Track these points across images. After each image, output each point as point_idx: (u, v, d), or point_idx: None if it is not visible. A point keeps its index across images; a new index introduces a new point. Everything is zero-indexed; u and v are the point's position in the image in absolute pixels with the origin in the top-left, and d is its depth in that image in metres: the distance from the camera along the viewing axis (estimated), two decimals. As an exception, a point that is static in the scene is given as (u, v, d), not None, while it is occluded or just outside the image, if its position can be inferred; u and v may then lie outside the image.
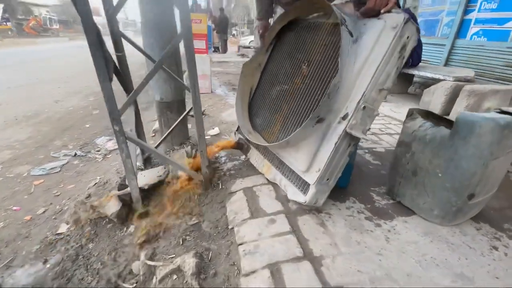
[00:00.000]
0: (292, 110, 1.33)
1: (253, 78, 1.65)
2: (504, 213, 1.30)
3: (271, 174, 1.44)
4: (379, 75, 1.00)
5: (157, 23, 1.49)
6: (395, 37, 0.96)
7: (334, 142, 1.07)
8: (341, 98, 1.06)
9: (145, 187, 1.44)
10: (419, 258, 1.02)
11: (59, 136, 3.38)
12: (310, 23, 1.35)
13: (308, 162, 1.16)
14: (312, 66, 1.26)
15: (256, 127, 1.59)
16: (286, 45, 1.49)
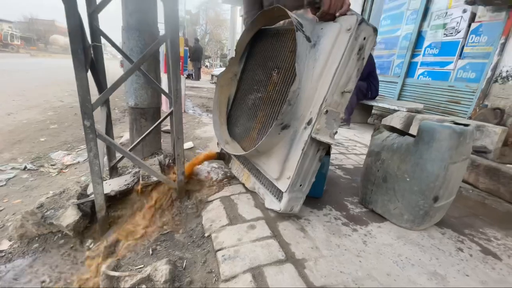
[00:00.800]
0: (267, 117, 1.33)
1: (229, 88, 1.65)
2: (463, 220, 1.42)
3: (250, 183, 1.42)
4: (339, 78, 0.99)
5: (138, 28, 1.49)
6: (350, 39, 0.95)
7: (301, 148, 1.06)
8: (305, 104, 1.06)
9: (111, 193, 1.30)
10: (396, 259, 1.04)
11: (8, 149, 3.00)
12: (279, 30, 1.36)
13: (279, 170, 1.14)
14: (281, 73, 1.26)
15: (235, 136, 1.57)
16: (258, 54, 1.49)
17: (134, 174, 1.52)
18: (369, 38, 0.98)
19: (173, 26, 1.09)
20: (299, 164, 1.07)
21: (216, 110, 1.64)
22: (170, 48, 1.12)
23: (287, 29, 1.30)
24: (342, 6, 1.00)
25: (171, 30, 1.09)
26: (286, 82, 1.22)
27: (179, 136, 1.29)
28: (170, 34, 1.10)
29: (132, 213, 1.32)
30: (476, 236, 1.26)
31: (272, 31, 1.42)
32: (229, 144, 1.54)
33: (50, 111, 4.83)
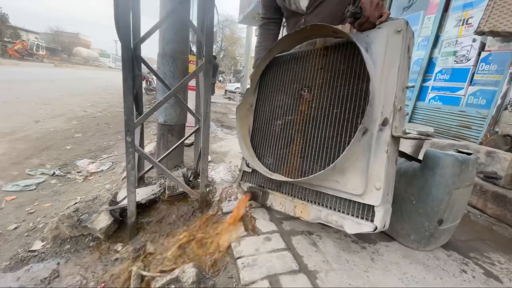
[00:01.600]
0: (309, 137, 1.27)
1: (248, 119, 1.62)
2: (469, 244, 1.48)
3: (311, 214, 1.24)
4: (401, 75, 1.02)
5: (172, 55, 1.69)
6: (404, 39, 1.00)
7: (385, 150, 1.01)
8: (375, 106, 1.05)
9: (142, 201, 1.45)
10: (401, 276, 1.12)
11: (37, 155, 3.24)
12: (296, 54, 1.38)
13: (363, 183, 1.05)
14: (314, 90, 1.27)
15: (269, 167, 1.46)
16: (274, 81, 1.49)
17: (160, 184, 1.67)
18: (412, 38, 1.07)
19: (208, 60, 1.27)
20: (386, 169, 1.00)
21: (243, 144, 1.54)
22: (204, 79, 1.29)
23: (307, 50, 1.34)
24: (381, 15, 1.07)
25: (206, 64, 1.27)
26: (324, 97, 1.23)
27: (205, 153, 1.44)
28: (205, 67, 1.28)
29: (158, 220, 1.45)
30: (480, 260, 1.32)
31: (286, 57, 1.44)
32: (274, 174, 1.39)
33: (74, 120, 5.14)
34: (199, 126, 1.81)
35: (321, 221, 1.21)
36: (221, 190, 1.78)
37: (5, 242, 1.66)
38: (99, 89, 11.18)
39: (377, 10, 1.05)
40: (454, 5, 3.75)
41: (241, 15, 9.98)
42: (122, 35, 1.08)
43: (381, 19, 1.06)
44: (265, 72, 1.55)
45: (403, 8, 4.80)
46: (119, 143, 3.98)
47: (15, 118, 4.65)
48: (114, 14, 1.07)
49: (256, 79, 1.57)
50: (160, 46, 1.70)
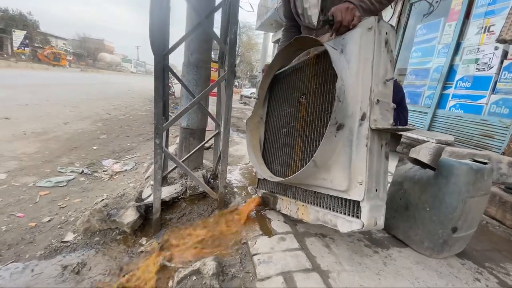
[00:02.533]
0: (307, 140, 1.33)
1: (258, 131, 1.74)
2: (485, 254, 1.47)
3: (311, 215, 1.26)
4: (377, 70, 1.04)
5: (196, 64, 1.82)
6: (375, 35, 1.04)
7: (364, 144, 1.02)
8: (351, 102, 1.07)
9: (166, 199, 1.56)
10: (413, 281, 1.15)
11: (66, 154, 3.49)
12: (295, 66, 1.47)
13: (346, 178, 1.06)
14: (310, 96, 1.34)
15: (276, 174, 1.56)
16: (279, 94, 1.61)
17: (182, 184, 1.78)
18: (390, 33, 1.08)
19: (230, 70, 1.38)
20: (367, 163, 1.01)
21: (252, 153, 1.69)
22: (226, 87, 1.39)
23: (303, 61, 1.43)
24: (353, 18, 1.12)
25: (228, 74, 1.38)
26: (317, 99, 1.29)
27: (224, 156, 1.53)
28: (228, 76, 1.38)
29: (180, 217, 1.56)
30: (495, 270, 1.31)
31: (287, 71, 1.56)
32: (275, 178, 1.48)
33: (99, 122, 5.45)
34: (218, 131, 1.92)
35: (320, 222, 1.21)
36: (237, 192, 1.86)
37: (40, 233, 1.82)
38: (122, 93, 11.72)
39: (348, 14, 1.12)
40: (475, 12, 3.69)
41: (259, 22, 10.20)
42: (156, 49, 1.21)
43: (353, 22, 1.11)
44: (272, 86, 1.67)
45: (423, 15, 4.75)
46: (141, 144, 4.19)
47: (46, 120, 5.00)
48: (149, 30, 1.20)
49: (263, 94, 1.67)
50: (186, 56, 1.83)
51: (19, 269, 1.47)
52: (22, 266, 1.49)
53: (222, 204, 1.63)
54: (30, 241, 1.74)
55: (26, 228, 1.88)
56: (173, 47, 1.53)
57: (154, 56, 1.24)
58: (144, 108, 8.22)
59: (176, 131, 4.46)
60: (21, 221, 1.96)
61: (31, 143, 3.68)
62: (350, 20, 1.12)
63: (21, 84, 9.70)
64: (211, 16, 1.59)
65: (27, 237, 1.78)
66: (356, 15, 1.12)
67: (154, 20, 1.18)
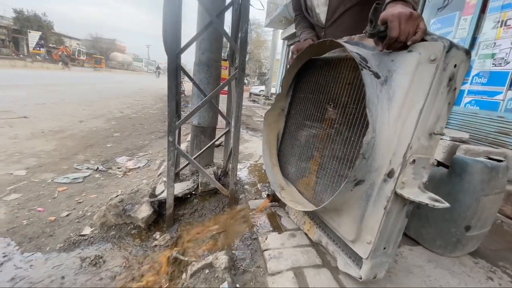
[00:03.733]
0: (325, 158, 1.19)
1: (278, 124, 1.59)
2: (499, 253, 1.44)
3: (315, 235, 1.26)
4: (425, 119, 0.83)
5: (207, 63, 1.85)
6: (437, 71, 0.78)
7: (383, 206, 0.88)
8: (382, 152, 0.88)
9: (178, 195, 1.61)
10: (424, 279, 1.15)
11: (82, 152, 3.61)
12: (330, 60, 1.22)
13: (354, 231, 0.97)
14: (339, 108, 1.12)
15: (289, 176, 1.49)
16: (306, 86, 1.39)
17: (194, 181, 1.83)
18: (461, 64, 0.81)
19: (241, 68, 1.40)
20: (381, 225, 0.89)
21: (267, 151, 1.56)
22: (236, 86, 1.42)
23: (340, 57, 1.16)
24: (415, 32, 0.81)
25: (239, 72, 1.40)
26: (346, 119, 1.08)
27: (235, 153, 1.56)
28: (238, 74, 1.40)
29: (192, 212, 1.60)
30: (509, 269, 1.29)
31: (321, 61, 1.30)
32: (285, 189, 1.44)
33: (113, 120, 5.60)
34: (229, 129, 1.95)
35: (322, 244, 1.21)
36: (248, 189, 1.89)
37: (59, 227, 1.91)
38: (133, 92, 11.95)
39: (410, 25, 0.80)
40: (491, 6, 3.56)
41: (268, 19, 10.16)
42: (169, 49, 1.24)
43: (415, 38, 0.81)
44: (300, 74, 1.46)
45: (438, 9, 4.62)
46: (153, 142, 4.28)
47: (62, 118, 5.17)
48: (163, 30, 1.24)
49: (287, 84, 1.50)
50: (197, 55, 1.86)
51: (41, 261, 1.55)
52: (43, 258, 1.57)
53: (233, 200, 1.66)
54: (50, 234, 1.83)
55: (46, 222, 1.97)
56: (185, 46, 1.56)
57: (167, 56, 1.27)
58: (156, 107, 8.37)
59: (187, 129, 4.54)
60: (41, 215, 2.05)
61: (49, 141, 3.82)
62: (411, 33, 0.81)
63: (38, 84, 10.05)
64: (222, 15, 1.61)
65: (47, 230, 1.87)
66: (420, 28, 0.81)
67: (167, 20, 1.21)
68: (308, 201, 1.32)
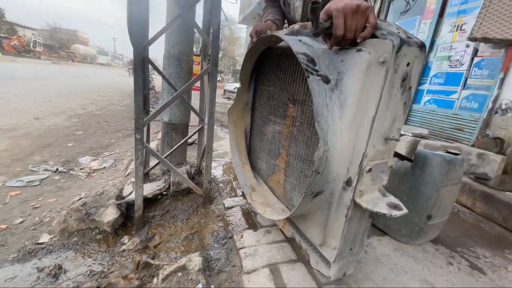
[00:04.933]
0: (291, 157, 1.16)
1: (244, 119, 1.52)
2: (457, 239, 1.57)
3: (289, 232, 1.27)
4: (380, 125, 0.78)
5: (178, 57, 1.76)
6: (388, 74, 0.72)
7: (344, 214, 0.88)
8: (337, 162, 0.84)
9: (148, 196, 1.52)
10: (392, 267, 1.21)
11: (39, 152, 3.29)
12: (285, 50, 1.14)
13: (320, 236, 0.98)
14: (299, 106, 1.07)
15: (261, 172, 1.46)
16: (267, 78, 1.31)
17: (165, 180, 1.74)
18: (415, 61, 0.75)
19: (214, 62, 1.35)
20: (344, 231, 0.90)
21: (235, 149, 1.49)
22: (210, 81, 1.37)
23: None
24: (364, 27, 0.73)
25: (212, 66, 1.35)
26: (305, 118, 1.04)
27: (209, 151, 1.51)
28: (211, 69, 1.35)
29: (163, 214, 1.52)
30: (466, 254, 1.41)
31: (278, 51, 1.20)
32: (256, 190, 1.41)
33: (74, 118, 5.18)
34: (202, 125, 1.89)
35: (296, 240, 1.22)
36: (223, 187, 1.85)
37: (12, 235, 1.72)
38: (98, 87, 11.17)
39: (357, 19, 0.71)
40: (449, 11, 3.87)
41: (241, 15, 10.06)
42: (135, 40, 1.15)
43: (364, 34, 0.73)
44: (260, 64, 1.34)
45: (401, 13, 4.91)
46: (120, 141, 4.03)
47: (15, 115, 4.68)
48: (128, 21, 1.15)
49: (246, 76, 1.39)
50: (166, 48, 1.77)
51: (-11, 274, 1.38)
52: (-8, 271, 1.40)
53: (207, 199, 1.61)
54: (1, 244, 1.64)
55: (-5, 230, 1.76)
56: (153, 38, 1.47)
57: (133, 47, 1.18)
58: (123, 103, 7.91)
59: (157, 127, 4.34)
60: (-11, 223, 1.83)
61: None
62: (360, 29, 0.73)
63: (-15, 77, 8.98)
64: (193, 7, 1.54)
65: (-3, 240, 1.67)
66: (370, 22, 0.72)
67: (132, 9, 1.12)
68: (278, 199, 1.33)
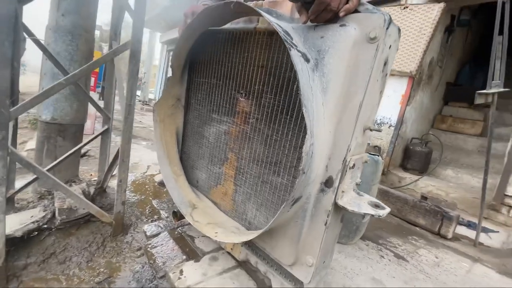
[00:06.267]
0: (243, 161, 0.98)
1: (175, 119, 1.24)
2: (374, 233, 1.75)
3: (241, 254, 1.02)
4: (364, 113, 0.70)
5: (72, 31, 1.27)
6: (377, 53, 0.64)
7: (323, 221, 0.75)
8: (319, 158, 0.72)
9: (16, 234, 0.94)
10: (344, 272, 1.18)
11: None
12: (234, 33, 0.97)
13: (293, 254, 0.82)
14: (253, 98, 0.91)
15: (200, 184, 1.20)
16: (207, 67, 1.08)
17: (45, 207, 1.16)
18: (394, 44, 0.69)
19: (137, 37, 1.00)
20: (323, 243, 0.77)
21: (164, 157, 1.18)
22: (130, 63, 1.00)
23: (247, 30, 0.91)
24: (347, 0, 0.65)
25: (135, 43, 1.00)
26: (264, 113, 0.88)
27: (124, 158, 1.10)
28: (132, 46, 1.00)
29: (44, 259, 0.97)
30: (387, 245, 1.57)
31: (223, 34, 1.01)
32: (198, 207, 1.11)
33: None
34: (108, 127, 1.41)
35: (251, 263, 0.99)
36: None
37: None
38: None
39: None
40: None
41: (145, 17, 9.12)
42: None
43: (348, 7, 0.65)
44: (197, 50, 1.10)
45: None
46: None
47: None
48: None
49: (179, 63, 1.12)
50: (52, 16, 1.23)
51: None
52: None
53: (119, 228, 1.17)
54: None
55: None
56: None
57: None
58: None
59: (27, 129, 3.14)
60: None
61: None
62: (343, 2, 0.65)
63: None
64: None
65: None
66: None
67: None
68: (227, 215, 1.09)
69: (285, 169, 0.85)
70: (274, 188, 0.88)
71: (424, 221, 1.99)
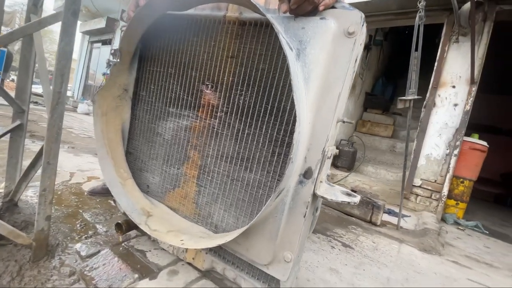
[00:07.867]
0: (209, 159, 0.92)
1: (120, 112, 1.08)
2: (321, 225, 1.88)
3: (206, 263, 0.95)
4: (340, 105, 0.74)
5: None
6: (355, 47, 0.69)
7: (302, 213, 0.75)
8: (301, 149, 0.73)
9: None
10: (306, 266, 1.22)
11: None
12: (198, 20, 0.90)
13: (270, 252, 0.79)
14: (222, 91, 0.86)
15: (152, 189, 1.07)
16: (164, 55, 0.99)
17: None
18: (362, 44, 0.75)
19: (74, 6, 0.80)
20: (301, 236, 0.77)
21: (107, 159, 1.02)
22: (64, 35, 0.80)
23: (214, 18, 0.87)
24: None
25: (70, 12, 0.80)
26: (235, 106, 0.84)
27: (50, 161, 0.87)
28: (66, 16, 0.80)
29: None
30: (334, 236, 1.70)
31: (184, 20, 0.93)
32: (153, 215, 0.98)
33: None
34: (21, 122, 1.10)
35: (217, 271, 0.95)
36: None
37: None
38: None
39: None
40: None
41: (58, 2, 7.72)
42: None
43: (327, 1, 0.68)
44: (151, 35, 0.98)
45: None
46: None
47: None
48: None
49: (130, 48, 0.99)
50: None
51: None
52: None
53: (43, 250, 0.91)
54: None
55: None
56: None
57: None
58: None
59: None
60: None
61: None
62: None
63: None
64: None
65: None
66: None
67: None
68: (188, 220, 0.98)
69: (259, 164, 0.82)
70: (246, 185, 0.84)
71: (358, 211, 2.25)
